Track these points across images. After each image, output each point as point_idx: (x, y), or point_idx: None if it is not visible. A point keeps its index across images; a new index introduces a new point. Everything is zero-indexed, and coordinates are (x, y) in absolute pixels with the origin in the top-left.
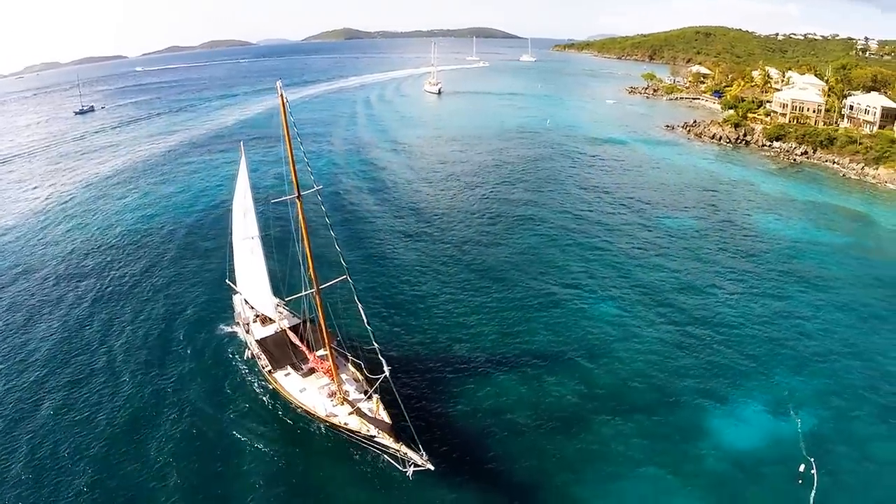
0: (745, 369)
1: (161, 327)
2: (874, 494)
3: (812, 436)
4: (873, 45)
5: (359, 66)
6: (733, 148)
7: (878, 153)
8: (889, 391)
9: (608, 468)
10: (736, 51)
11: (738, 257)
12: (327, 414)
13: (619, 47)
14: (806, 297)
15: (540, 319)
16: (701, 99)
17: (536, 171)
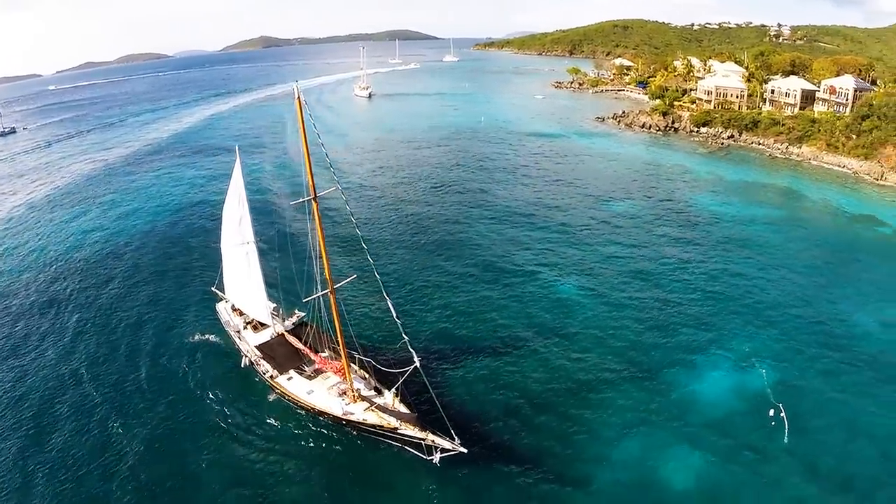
0: (707, 331)
1: (147, 349)
2: (837, 426)
3: (776, 384)
4: (786, 31)
5: (283, 74)
6: (663, 135)
7: (800, 133)
8: (837, 335)
9: (606, 431)
10: (654, 42)
11: (684, 233)
12: (344, 412)
13: (539, 44)
14: (750, 263)
15: (512, 299)
16: (626, 90)
17: (481, 167)
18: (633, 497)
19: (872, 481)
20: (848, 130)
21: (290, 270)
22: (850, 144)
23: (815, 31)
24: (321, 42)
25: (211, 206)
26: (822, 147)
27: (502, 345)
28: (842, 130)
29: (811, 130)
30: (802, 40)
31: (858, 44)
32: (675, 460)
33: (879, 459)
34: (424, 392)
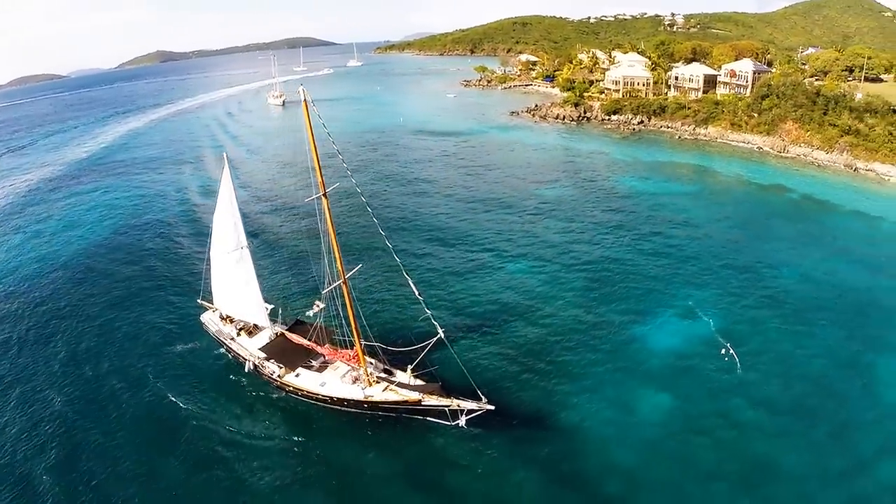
0: (651, 292)
1: (141, 370)
2: (778, 357)
3: (721, 329)
4: (679, 19)
5: (189, 88)
6: (577, 125)
7: (705, 115)
8: (765, 285)
9: (585, 381)
10: (553, 37)
11: (614, 210)
12: (365, 396)
13: (440, 44)
14: (678, 232)
15: (473, 279)
16: (534, 85)
17: (413, 162)
18: (616, 430)
19: (812, 398)
20: (749, 110)
21: (288, 270)
22: (753, 122)
23: (708, 18)
24: (219, 54)
25: (160, 221)
26: (727, 126)
27: (473, 320)
28: (744, 110)
29: (715, 112)
30: (696, 27)
31: (750, 28)
32: (646, 398)
33: (816, 379)
34: (446, 361)
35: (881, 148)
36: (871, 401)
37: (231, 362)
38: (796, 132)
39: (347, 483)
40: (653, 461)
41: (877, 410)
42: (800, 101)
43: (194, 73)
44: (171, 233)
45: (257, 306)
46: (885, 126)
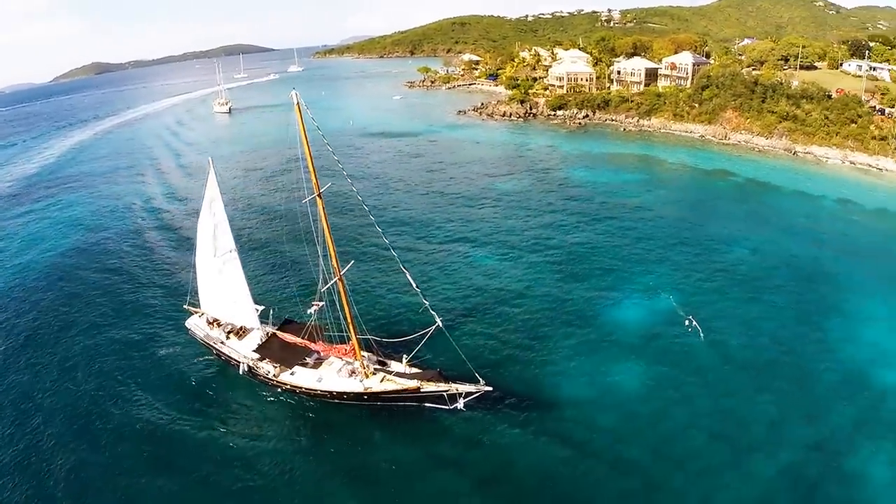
0: (612, 273)
1: (127, 381)
2: (736, 325)
3: (682, 302)
4: (616, 15)
5: (130, 99)
6: (524, 121)
7: (648, 107)
8: (717, 261)
9: (562, 359)
10: (491, 36)
11: (568, 200)
12: (365, 388)
13: (380, 46)
14: (632, 217)
15: (446, 271)
16: (477, 84)
17: (368, 165)
18: (597, 396)
19: (772, 356)
20: (691, 101)
21: (273, 272)
22: (695, 112)
23: (644, 13)
24: (156, 63)
25: (128, 231)
26: (670, 117)
27: (455, 307)
28: (685, 101)
29: (658, 104)
30: (633, 22)
31: (685, 22)
32: (621, 366)
33: (773, 340)
34: (441, 347)
35: (818, 132)
36: (824, 354)
37: (221, 366)
38: (737, 120)
39: (357, 472)
40: (632, 420)
41: (830, 362)
42: (739, 90)
43: (132, 85)
44: (142, 241)
45: (248, 308)
46: (821, 111)
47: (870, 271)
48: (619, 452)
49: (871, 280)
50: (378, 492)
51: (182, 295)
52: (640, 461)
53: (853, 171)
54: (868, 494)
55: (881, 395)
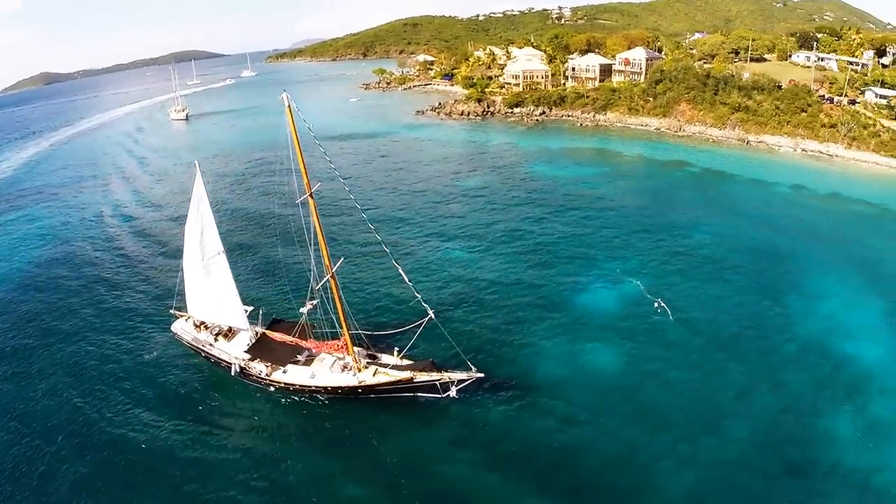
0: (580, 262)
1: (114, 390)
2: (701, 304)
3: (649, 286)
4: (567, 12)
5: (83, 109)
6: (482, 120)
7: (604, 102)
8: (679, 246)
9: (541, 341)
10: (443, 36)
11: (533, 194)
12: (359, 382)
13: (332, 49)
14: (594, 209)
15: (422, 264)
16: (433, 84)
17: (330, 168)
18: (576, 376)
19: (736, 332)
20: (645, 95)
21: (258, 272)
22: (649, 106)
23: (595, 10)
24: (106, 72)
25: (102, 239)
26: (625, 111)
27: (436, 298)
28: (640, 95)
29: (613, 99)
30: (583, 19)
31: (635, 17)
32: (597, 348)
33: (737, 317)
34: (431, 337)
35: (769, 121)
36: (784, 328)
37: (209, 369)
38: (690, 112)
39: (357, 461)
40: (611, 394)
41: (790, 334)
42: (691, 83)
43: (84, 95)
44: (117, 249)
45: (237, 309)
46: (772, 101)
47: (824, 252)
48: (600, 423)
49: (825, 260)
50: (379, 476)
51: (163, 299)
52: (620, 429)
53: (805, 157)
54: (833, 452)
55: (839, 362)
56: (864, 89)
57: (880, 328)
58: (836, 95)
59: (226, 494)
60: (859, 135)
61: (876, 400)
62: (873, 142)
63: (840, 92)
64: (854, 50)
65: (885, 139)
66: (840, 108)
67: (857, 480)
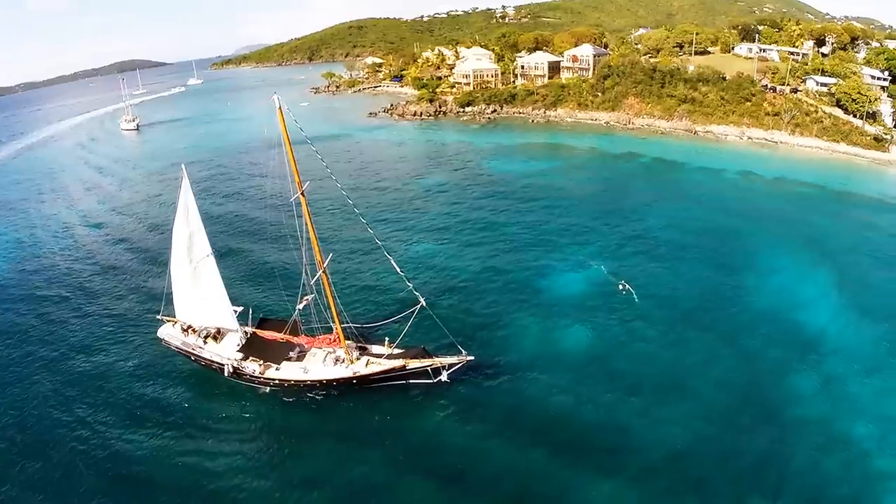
0: (545, 250)
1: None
2: (644, 284)
3: (612, 270)
4: (510, 11)
5: (29, 122)
6: (435, 120)
7: (554, 98)
8: (636, 232)
9: (514, 323)
10: (389, 38)
11: (491, 189)
12: (353, 373)
13: (278, 54)
14: (553, 201)
15: (387, 259)
16: (382, 86)
17: (280, 176)
18: (552, 356)
19: (697, 309)
20: (594, 90)
21: (241, 273)
22: (598, 101)
23: (538, 8)
24: (48, 85)
25: (75, 249)
26: (575, 107)
27: None
28: (588, 91)
29: (563, 95)
30: (527, 18)
31: (578, 14)
32: (570, 330)
33: (697, 296)
34: (427, 325)
35: (715, 112)
36: (740, 301)
37: (200, 372)
38: (639, 105)
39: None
40: (587, 369)
41: (746, 306)
42: (638, 77)
43: (28, 108)
44: (90, 258)
45: (226, 311)
46: (717, 92)
47: (772, 231)
48: (580, 390)
49: (774, 238)
50: (385, 458)
51: (145, 305)
52: (598, 396)
53: (751, 145)
54: (794, 406)
55: (792, 328)
56: (805, 78)
57: (827, 297)
58: (779, 85)
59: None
60: (802, 121)
61: (828, 359)
62: (815, 127)
63: (782, 81)
64: (795, 41)
65: (826, 125)
66: (783, 96)
67: (818, 429)
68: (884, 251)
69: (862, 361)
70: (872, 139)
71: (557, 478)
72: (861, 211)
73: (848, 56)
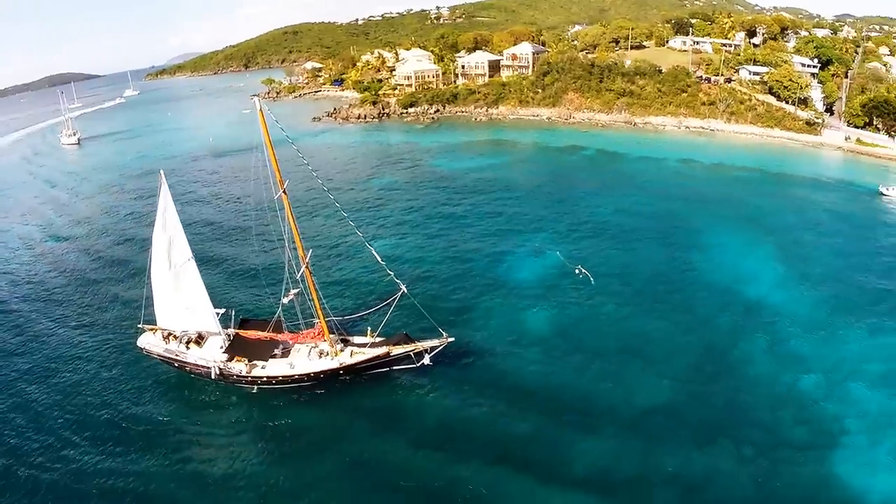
0: (502, 239)
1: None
2: (613, 271)
3: (569, 255)
4: (445, 12)
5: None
6: (379, 122)
7: (495, 97)
8: (588, 219)
9: (479, 306)
10: (325, 42)
11: (444, 185)
12: (340, 364)
13: (213, 63)
14: (502, 193)
15: (349, 255)
16: (323, 90)
17: (245, 179)
18: (519, 336)
19: (650, 286)
20: (534, 87)
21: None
22: (539, 97)
23: (472, 8)
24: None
25: (33, 263)
26: (516, 104)
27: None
28: (529, 88)
29: (504, 93)
30: (462, 18)
31: (513, 13)
32: (533, 312)
33: (649, 275)
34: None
35: (653, 103)
36: (690, 277)
37: (182, 378)
38: (579, 100)
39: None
40: (551, 352)
41: (698, 283)
42: (577, 73)
43: None
44: (58, 270)
45: (209, 314)
46: (654, 85)
47: (715, 213)
48: (549, 361)
49: (717, 219)
50: (381, 434)
51: (121, 314)
52: (567, 365)
53: (689, 134)
54: (749, 365)
55: (743, 304)
56: (738, 68)
57: (770, 268)
58: (713, 75)
59: None
60: (737, 110)
61: (774, 321)
62: (750, 115)
63: (716, 72)
64: (727, 32)
65: (760, 112)
66: (718, 86)
67: (769, 380)
68: (819, 226)
69: (803, 321)
70: (805, 123)
71: (538, 439)
72: (797, 190)
73: (779, 45)
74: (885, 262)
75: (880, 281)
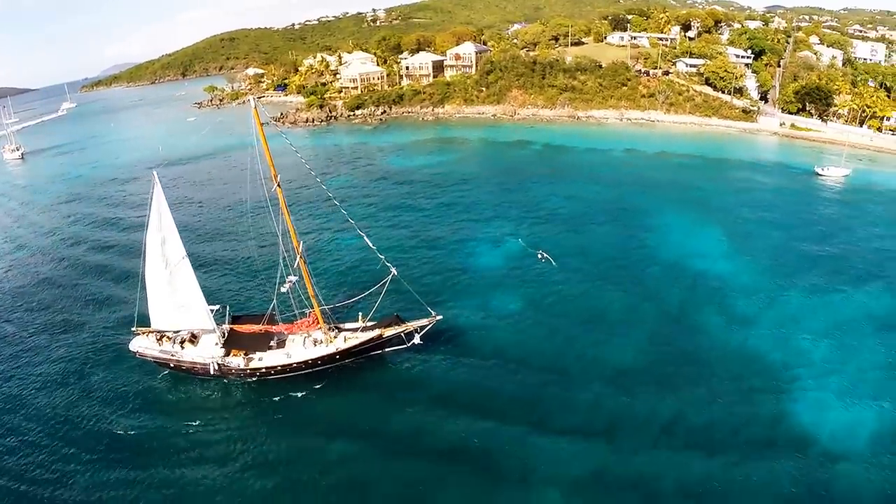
0: (464, 229)
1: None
2: (575, 250)
3: (529, 241)
4: (381, 14)
5: None
6: (327, 125)
7: (440, 96)
8: (542, 207)
9: (454, 293)
10: (262, 48)
11: (400, 182)
12: (335, 349)
13: (150, 72)
14: (458, 188)
15: (321, 251)
16: (266, 96)
17: (198, 184)
18: (491, 318)
19: (610, 267)
20: (478, 85)
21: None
22: (483, 95)
23: (408, 9)
24: None
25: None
26: (461, 103)
27: None
28: (473, 87)
29: (449, 92)
30: (398, 19)
31: (448, 14)
32: (501, 295)
33: (609, 256)
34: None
35: (594, 97)
36: (646, 257)
37: (177, 377)
38: (522, 97)
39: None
40: (523, 330)
41: (652, 260)
42: (520, 70)
43: None
44: (39, 281)
45: (204, 312)
46: (595, 80)
47: (661, 197)
48: (524, 334)
49: (664, 203)
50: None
51: (105, 320)
52: (538, 339)
53: (630, 125)
54: (707, 340)
55: (695, 274)
56: (675, 61)
57: (716, 243)
58: (652, 69)
59: None
60: (676, 101)
61: (723, 289)
62: (688, 105)
63: (654, 65)
64: (662, 27)
65: (698, 102)
66: (656, 79)
67: (724, 339)
68: (760, 204)
69: (749, 287)
70: (741, 111)
71: (521, 396)
72: (737, 173)
73: (713, 38)
74: (821, 231)
75: (817, 247)
